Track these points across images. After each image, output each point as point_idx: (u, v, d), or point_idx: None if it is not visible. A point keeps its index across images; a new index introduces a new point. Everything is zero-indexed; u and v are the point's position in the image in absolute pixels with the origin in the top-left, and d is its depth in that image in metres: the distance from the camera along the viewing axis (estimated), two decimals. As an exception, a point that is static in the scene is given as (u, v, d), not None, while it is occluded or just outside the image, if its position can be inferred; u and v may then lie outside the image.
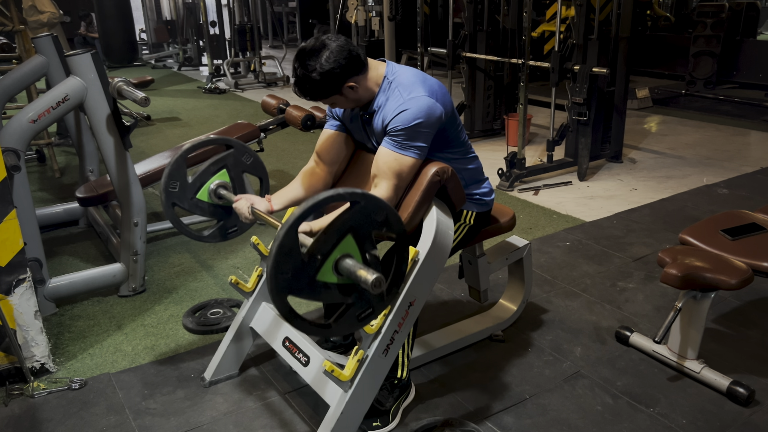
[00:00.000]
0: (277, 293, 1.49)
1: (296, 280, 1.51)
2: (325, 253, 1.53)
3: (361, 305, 1.66)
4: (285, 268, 1.47)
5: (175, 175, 2.15)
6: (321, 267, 1.54)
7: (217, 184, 2.23)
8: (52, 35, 3.53)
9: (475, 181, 2.16)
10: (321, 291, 1.56)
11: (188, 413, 2.18)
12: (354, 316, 1.66)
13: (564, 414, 2.14)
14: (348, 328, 1.68)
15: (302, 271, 1.51)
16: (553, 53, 4.52)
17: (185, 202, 2.19)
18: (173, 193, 2.17)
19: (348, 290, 1.61)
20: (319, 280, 1.55)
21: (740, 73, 8.02)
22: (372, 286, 1.51)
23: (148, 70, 11.47)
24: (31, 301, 2.31)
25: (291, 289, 1.51)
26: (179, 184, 2.16)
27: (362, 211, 1.55)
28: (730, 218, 2.52)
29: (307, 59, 1.84)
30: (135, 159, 3.13)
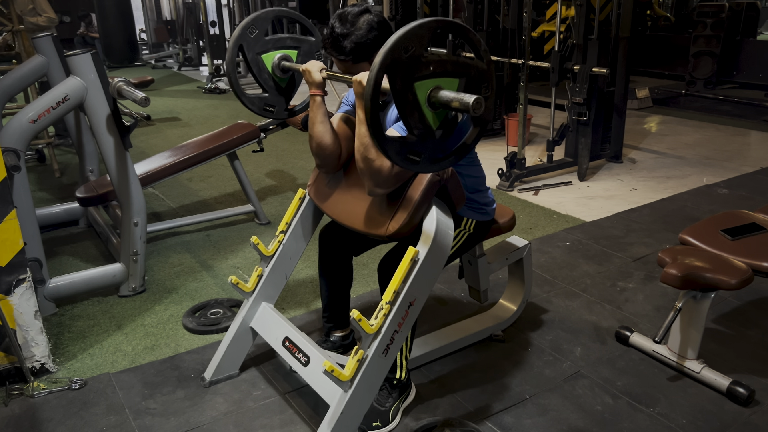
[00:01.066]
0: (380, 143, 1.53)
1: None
2: (415, 104, 1.55)
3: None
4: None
5: (260, 24, 2.20)
6: (422, 115, 1.56)
7: (284, 56, 2.28)
8: (52, 35, 3.53)
9: (477, 189, 2.16)
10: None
11: (188, 413, 2.18)
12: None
13: (564, 414, 2.14)
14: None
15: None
16: (553, 53, 4.52)
17: (251, 52, 2.23)
18: (247, 37, 2.20)
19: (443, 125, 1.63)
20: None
21: (740, 73, 8.01)
22: (473, 110, 1.50)
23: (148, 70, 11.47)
24: (31, 301, 2.31)
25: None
26: (257, 33, 2.20)
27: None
28: (730, 218, 2.52)
29: (350, 18, 1.89)
30: (135, 159, 3.13)
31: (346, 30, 1.90)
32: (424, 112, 1.58)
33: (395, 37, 1.49)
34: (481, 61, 1.65)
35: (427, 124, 1.60)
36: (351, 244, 2.34)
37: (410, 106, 1.55)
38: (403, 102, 1.54)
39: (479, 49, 1.65)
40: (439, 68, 1.58)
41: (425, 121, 1.59)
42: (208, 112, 7.62)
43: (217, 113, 7.53)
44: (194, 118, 7.27)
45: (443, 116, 1.63)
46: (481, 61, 1.65)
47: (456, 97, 1.54)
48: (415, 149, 1.60)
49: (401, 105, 1.54)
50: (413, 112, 1.56)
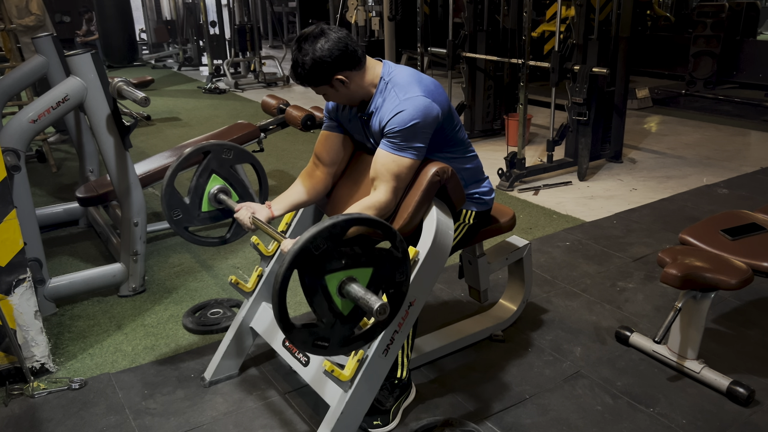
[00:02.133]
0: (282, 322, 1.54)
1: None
2: (324, 293, 1.57)
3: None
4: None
5: (172, 203, 2.16)
6: (332, 305, 1.58)
7: (216, 190, 2.23)
8: (52, 35, 3.53)
9: (475, 180, 2.16)
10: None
11: (188, 413, 2.18)
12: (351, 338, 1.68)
13: (564, 414, 2.14)
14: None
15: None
16: (553, 53, 4.52)
17: (195, 221, 2.21)
18: (180, 220, 2.18)
19: (353, 314, 1.63)
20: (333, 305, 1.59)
21: (740, 73, 8.02)
22: (376, 314, 1.52)
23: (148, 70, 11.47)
24: (31, 301, 2.31)
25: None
26: (181, 210, 2.17)
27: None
28: (730, 218, 2.52)
29: (303, 43, 1.86)
30: (135, 159, 3.13)
31: (300, 55, 1.85)
32: (334, 301, 1.58)
33: (306, 237, 1.50)
34: (397, 251, 1.66)
35: (338, 311, 1.60)
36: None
37: (320, 297, 1.56)
38: (312, 294, 1.55)
39: (395, 240, 1.65)
40: (352, 261, 1.58)
41: (335, 309, 1.59)
42: (208, 112, 7.61)
43: (217, 113, 7.53)
44: (194, 118, 7.27)
45: (354, 304, 1.62)
46: (396, 251, 1.66)
47: (363, 297, 1.55)
48: (323, 336, 1.60)
49: (310, 297, 1.55)
50: (322, 303, 1.57)
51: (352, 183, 2.15)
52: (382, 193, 1.89)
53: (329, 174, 2.17)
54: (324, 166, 2.16)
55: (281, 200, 2.13)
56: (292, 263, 1.48)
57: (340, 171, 2.19)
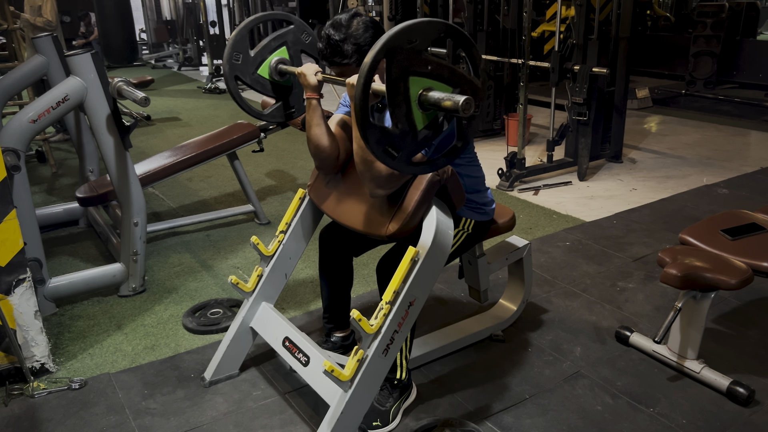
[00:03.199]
0: (373, 144, 1.53)
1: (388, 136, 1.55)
2: (406, 98, 1.55)
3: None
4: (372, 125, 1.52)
5: (239, 46, 2.17)
6: (409, 112, 1.56)
7: (278, 60, 2.25)
8: (53, 35, 3.53)
9: (476, 190, 2.16)
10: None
11: (188, 413, 2.18)
12: None
13: (564, 414, 2.14)
14: None
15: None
16: (553, 53, 4.52)
17: (247, 76, 2.22)
18: (236, 65, 2.18)
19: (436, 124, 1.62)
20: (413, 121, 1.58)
21: (740, 73, 8.02)
22: (462, 110, 1.50)
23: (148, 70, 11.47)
24: (31, 301, 2.31)
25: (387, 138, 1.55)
26: (242, 57, 2.18)
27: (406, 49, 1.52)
28: (730, 218, 2.52)
29: (341, 23, 1.89)
30: (135, 159, 3.13)
31: (344, 34, 1.90)
32: (412, 109, 1.57)
33: (402, 25, 1.49)
34: (477, 79, 1.65)
35: (413, 122, 1.59)
36: (351, 244, 2.34)
37: (401, 98, 1.54)
38: (395, 92, 1.53)
39: (478, 67, 1.65)
40: (436, 71, 1.57)
41: (411, 119, 1.58)
42: (208, 112, 7.62)
43: (217, 113, 7.53)
44: (194, 118, 7.27)
45: (430, 119, 1.62)
46: (477, 79, 1.65)
47: (447, 96, 1.53)
48: (395, 143, 1.58)
49: (392, 95, 1.53)
50: (402, 106, 1.55)
51: (352, 183, 2.15)
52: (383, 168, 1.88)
53: (341, 149, 2.15)
54: (338, 141, 2.15)
55: None
56: (387, 44, 1.46)
57: (346, 156, 2.18)
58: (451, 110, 1.53)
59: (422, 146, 1.64)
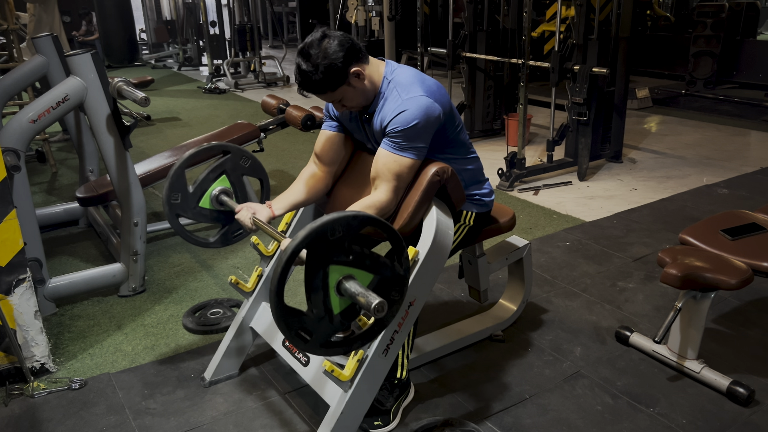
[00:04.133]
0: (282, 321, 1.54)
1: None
2: (324, 281, 1.56)
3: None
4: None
5: (176, 186, 2.16)
6: (327, 297, 1.58)
7: (219, 191, 2.23)
8: (52, 35, 3.53)
9: (475, 181, 2.16)
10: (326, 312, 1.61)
11: (188, 413, 2.18)
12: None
13: (564, 414, 2.14)
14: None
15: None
16: (553, 53, 4.52)
17: (188, 212, 2.20)
18: (176, 205, 2.18)
19: (350, 311, 1.63)
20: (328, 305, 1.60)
21: (740, 73, 8.01)
22: (375, 311, 1.51)
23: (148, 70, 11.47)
24: (31, 301, 2.31)
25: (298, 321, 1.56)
26: (181, 195, 2.17)
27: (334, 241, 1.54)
28: (730, 218, 2.52)
29: (309, 49, 1.85)
30: (135, 159, 3.13)
31: (310, 63, 1.83)
32: (330, 296, 1.58)
33: (328, 218, 1.50)
34: (400, 267, 1.66)
35: (329, 307, 1.59)
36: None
37: (318, 284, 1.55)
38: (312, 278, 1.54)
39: (401, 255, 1.66)
40: (358, 260, 1.58)
41: (328, 305, 1.59)
42: (208, 112, 7.62)
43: (217, 113, 7.53)
44: (194, 118, 7.27)
45: (347, 305, 1.62)
46: (399, 266, 1.66)
47: (363, 292, 1.54)
48: (308, 328, 1.59)
49: (309, 281, 1.54)
50: (319, 292, 1.56)
51: (353, 183, 2.15)
52: (382, 192, 1.89)
53: (329, 173, 2.17)
54: (324, 165, 2.16)
55: (281, 200, 2.12)
56: (307, 238, 1.47)
57: (340, 171, 2.19)
58: (365, 308, 1.54)
59: (337, 330, 1.64)
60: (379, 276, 1.63)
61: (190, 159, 2.19)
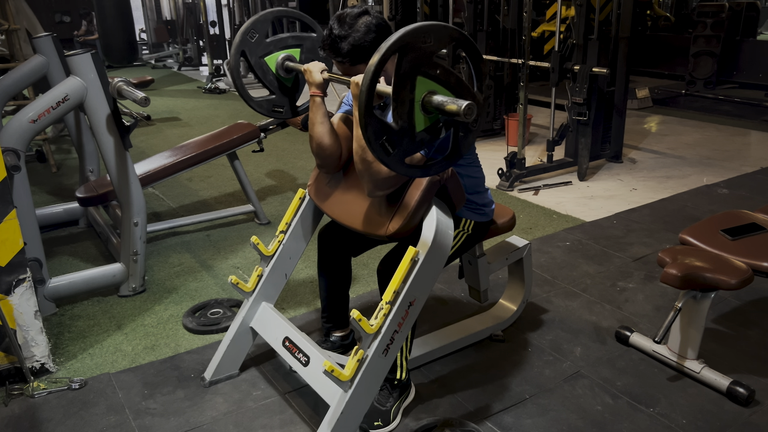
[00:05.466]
0: (375, 144, 1.53)
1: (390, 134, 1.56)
2: (410, 97, 1.55)
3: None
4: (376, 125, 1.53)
5: (259, 26, 2.18)
6: (411, 112, 1.57)
7: (287, 56, 2.27)
8: (52, 35, 3.53)
9: (476, 191, 2.16)
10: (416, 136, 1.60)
11: (188, 413, 2.18)
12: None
13: (564, 414, 2.14)
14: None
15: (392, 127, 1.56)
16: (553, 53, 4.52)
17: (254, 57, 2.22)
18: (248, 42, 2.19)
19: (437, 128, 1.63)
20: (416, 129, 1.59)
21: (740, 73, 8.01)
22: (464, 114, 1.50)
23: (148, 70, 11.47)
24: (31, 301, 2.31)
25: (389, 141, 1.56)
26: (257, 37, 2.19)
27: (414, 50, 1.52)
28: (730, 218, 2.52)
29: (347, 18, 1.88)
30: (135, 159, 3.13)
31: (344, 32, 1.89)
32: (415, 109, 1.58)
33: (419, 24, 1.50)
34: (480, 93, 1.66)
35: (413, 122, 1.59)
36: (350, 244, 2.34)
37: (406, 95, 1.55)
38: (401, 89, 1.53)
39: (482, 83, 1.66)
40: (444, 76, 1.58)
41: (412, 118, 1.59)
42: (208, 112, 7.62)
43: (217, 113, 7.53)
44: (194, 118, 7.27)
45: (430, 123, 1.62)
46: (480, 93, 1.66)
47: (451, 100, 1.54)
48: (393, 139, 1.58)
49: (398, 90, 1.53)
50: (405, 104, 1.56)
51: (353, 183, 2.15)
52: None
53: (344, 148, 2.14)
54: (340, 140, 2.15)
55: None
56: (402, 39, 1.47)
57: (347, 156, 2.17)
58: (453, 114, 1.53)
59: (418, 148, 1.64)
60: (461, 98, 1.61)
61: (282, 12, 2.29)
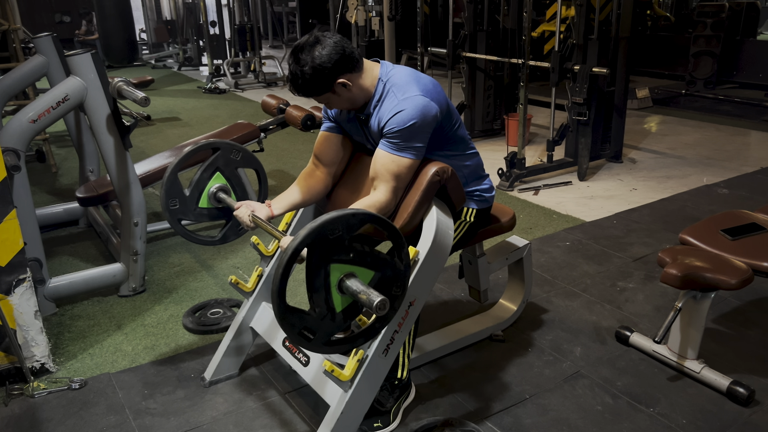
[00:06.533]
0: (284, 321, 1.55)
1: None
2: (325, 283, 1.57)
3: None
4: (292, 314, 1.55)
5: (172, 192, 2.16)
6: (329, 296, 1.59)
7: (216, 188, 2.23)
8: (53, 35, 3.53)
9: (476, 177, 2.16)
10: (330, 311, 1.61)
11: (188, 413, 2.18)
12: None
13: (564, 414, 2.14)
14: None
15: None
16: (553, 53, 4.52)
17: (189, 215, 2.21)
18: (175, 210, 2.17)
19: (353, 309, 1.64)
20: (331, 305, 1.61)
21: (740, 73, 8.01)
22: (377, 308, 1.53)
23: (148, 70, 11.47)
24: (31, 301, 2.31)
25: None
26: (178, 200, 2.17)
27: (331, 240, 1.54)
28: (730, 218, 2.52)
29: (300, 54, 1.85)
30: (135, 159, 3.13)
31: (298, 66, 1.84)
32: (331, 294, 1.59)
33: (327, 217, 1.51)
34: (401, 263, 1.67)
35: (332, 306, 1.60)
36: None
37: (320, 283, 1.56)
38: (314, 278, 1.54)
39: (402, 251, 1.67)
40: (359, 258, 1.59)
41: (330, 303, 1.59)
42: (208, 112, 7.62)
43: (217, 113, 7.53)
44: (194, 118, 7.27)
45: (349, 303, 1.63)
46: (400, 262, 1.67)
47: (365, 290, 1.55)
48: (311, 327, 1.59)
49: (311, 280, 1.54)
50: (321, 291, 1.57)
51: (352, 184, 2.15)
52: (382, 192, 1.89)
53: (329, 174, 2.17)
54: (323, 166, 2.16)
55: (281, 200, 2.12)
56: (307, 237, 1.48)
57: (340, 171, 2.19)
58: (366, 306, 1.55)
59: (340, 328, 1.65)
60: (380, 273, 1.64)
61: (180, 163, 2.19)
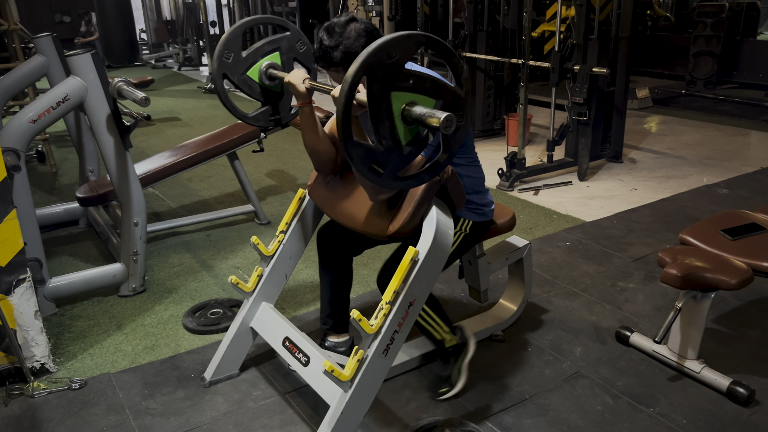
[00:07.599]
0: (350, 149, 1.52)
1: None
2: (388, 114, 1.55)
3: None
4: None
5: (231, 45, 2.16)
6: (393, 128, 1.56)
7: (268, 65, 2.24)
8: (52, 35, 3.53)
9: (476, 191, 2.16)
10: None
11: (188, 413, 2.18)
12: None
13: (564, 414, 2.14)
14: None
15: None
16: (553, 53, 4.52)
17: (236, 76, 2.20)
18: (226, 64, 2.17)
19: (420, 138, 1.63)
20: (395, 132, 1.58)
21: (740, 73, 8.02)
22: (443, 127, 1.50)
23: (148, 70, 11.47)
24: (31, 301, 2.31)
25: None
26: (233, 56, 2.17)
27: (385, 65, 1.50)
28: (730, 218, 2.52)
29: (335, 27, 1.89)
30: (135, 159, 3.13)
31: (335, 41, 1.89)
32: (396, 125, 1.56)
33: (381, 40, 1.49)
34: (460, 88, 1.65)
35: (397, 137, 1.58)
36: (350, 243, 2.33)
37: (383, 114, 1.54)
38: (377, 109, 1.52)
39: (460, 76, 1.65)
40: (419, 84, 1.57)
41: (395, 134, 1.57)
42: (208, 112, 7.62)
43: (217, 113, 7.53)
44: (194, 118, 7.27)
45: (414, 133, 1.61)
46: (460, 88, 1.65)
47: (429, 112, 1.53)
48: (380, 160, 1.57)
49: (375, 112, 1.52)
50: (385, 122, 1.55)
51: (352, 183, 2.14)
52: None
53: (337, 151, 2.15)
54: (335, 145, 2.15)
55: None
56: (364, 63, 1.45)
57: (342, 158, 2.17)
58: (434, 127, 1.53)
59: (408, 161, 1.64)
60: (441, 100, 1.61)
61: (250, 22, 2.24)
